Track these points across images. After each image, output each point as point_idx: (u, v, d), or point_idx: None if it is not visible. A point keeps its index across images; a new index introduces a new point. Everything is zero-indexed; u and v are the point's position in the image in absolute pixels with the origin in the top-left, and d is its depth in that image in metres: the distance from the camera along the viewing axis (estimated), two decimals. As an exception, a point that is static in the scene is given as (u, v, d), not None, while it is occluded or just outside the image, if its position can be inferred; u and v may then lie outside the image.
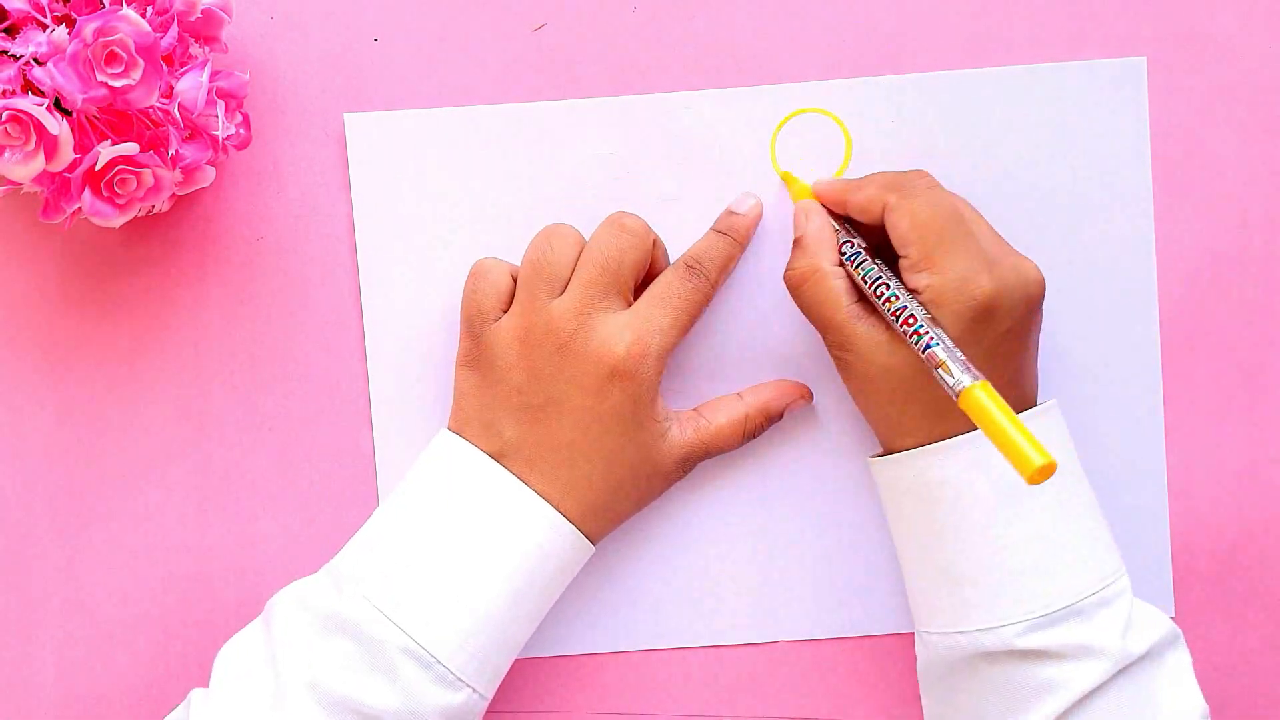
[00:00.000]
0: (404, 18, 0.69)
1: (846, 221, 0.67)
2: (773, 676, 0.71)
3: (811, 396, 0.69)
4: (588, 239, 0.67)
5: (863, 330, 0.63)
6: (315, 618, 0.62)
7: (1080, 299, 0.70)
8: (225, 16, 0.64)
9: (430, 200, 0.69)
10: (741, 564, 0.70)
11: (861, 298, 0.64)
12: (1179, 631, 0.64)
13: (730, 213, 0.68)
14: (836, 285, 0.64)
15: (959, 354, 0.59)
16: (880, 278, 0.63)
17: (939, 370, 0.59)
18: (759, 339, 0.70)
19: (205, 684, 0.64)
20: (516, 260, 0.68)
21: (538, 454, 0.64)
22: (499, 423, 0.65)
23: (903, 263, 0.63)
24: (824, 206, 0.67)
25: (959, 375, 0.58)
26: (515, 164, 0.69)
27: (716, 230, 0.68)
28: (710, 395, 0.70)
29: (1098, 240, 0.70)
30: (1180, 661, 0.64)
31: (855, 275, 0.64)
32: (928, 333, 0.60)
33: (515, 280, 0.67)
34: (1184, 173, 0.70)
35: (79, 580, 0.70)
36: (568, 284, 0.65)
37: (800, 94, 0.69)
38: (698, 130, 0.69)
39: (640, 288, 0.67)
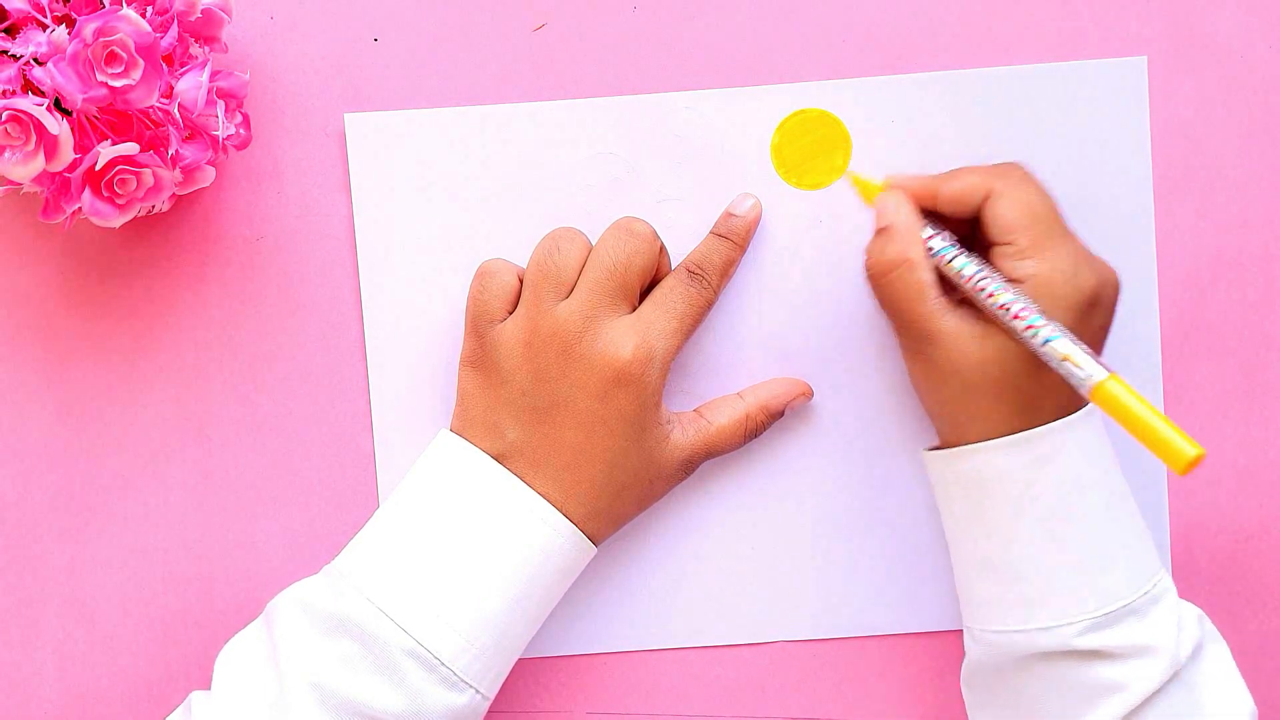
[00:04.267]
0: (404, 18, 0.69)
1: (929, 216, 0.65)
2: (773, 676, 0.71)
3: (811, 393, 0.69)
4: (593, 242, 0.67)
5: (952, 324, 0.62)
6: (317, 619, 0.62)
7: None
8: (225, 16, 0.64)
9: (430, 200, 0.69)
10: (741, 564, 0.70)
11: (945, 291, 0.63)
12: (1212, 625, 0.64)
13: (729, 215, 0.68)
14: (925, 278, 0.62)
15: (1083, 346, 0.59)
16: (981, 271, 0.62)
17: (1065, 363, 0.58)
18: (759, 338, 0.70)
19: (205, 684, 0.64)
20: (519, 262, 0.68)
21: (541, 456, 0.64)
22: (502, 424, 0.65)
23: (1005, 250, 0.62)
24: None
25: (1090, 368, 0.58)
26: (515, 164, 0.69)
27: (716, 234, 0.68)
28: (710, 395, 0.70)
29: (1098, 240, 0.69)
30: (1221, 657, 0.63)
31: (949, 269, 0.63)
32: (1045, 324, 0.59)
33: (521, 282, 0.67)
34: (1184, 173, 0.70)
35: (79, 580, 0.70)
36: (573, 287, 0.65)
37: (800, 94, 0.69)
38: (698, 130, 0.69)
39: (644, 292, 0.67)
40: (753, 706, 0.71)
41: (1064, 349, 0.59)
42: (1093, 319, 0.62)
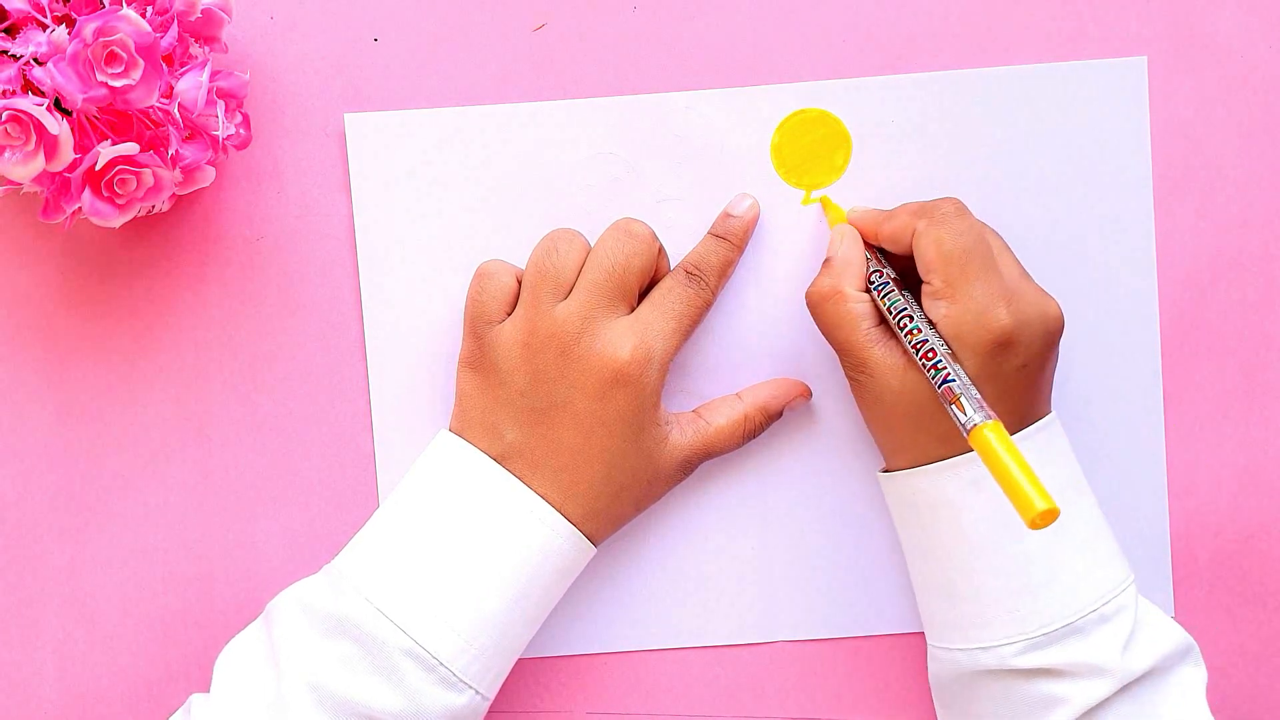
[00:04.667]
0: (404, 18, 0.69)
1: (880, 251, 0.67)
2: (773, 676, 0.71)
3: (810, 394, 0.69)
4: (591, 243, 0.67)
5: (878, 354, 0.63)
6: (316, 619, 0.62)
7: (1080, 299, 0.70)
8: (225, 16, 0.64)
9: (430, 200, 0.69)
10: (741, 564, 0.70)
11: (882, 322, 0.64)
12: (1193, 645, 0.64)
13: (727, 215, 0.68)
14: (856, 309, 0.64)
15: (974, 392, 0.59)
16: (905, 309, 0.63)
17: (952, 406, 0.59)
18: (757, 339, 0.70)
19: (205, 684, 0.64)
20: (519, 261, 0.68)
21: (540, 457, 0.64)
22: (501, 425, 0.65)
23: (925, 289, 0.63)
24: (860, 234, 0.67)
25: (971, 413, 0.58)
26: (515, 164, 0.69)
27: (714, 234, 0.68)
28: (709, 396, 0.70)
29: (1098, 241, 0.70)
30: (1190, 679, 0.63)
31: (881, 303, 0.64)
32: (945, 368, 0.60)
33: (519, 283, 0.67)
34: (1184, 173, 0.70)
35: (79, 580, 0.70)
36: (572, 288, 0.65)
37: (800, 94, 0.69)
38: (698, 130, 0.69)
39: (642, 293, 0.67)
40: (753, 706, 0.71)
41: (955, 391, 0.60)
42: (1007, 360, 0.62)
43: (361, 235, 0.69)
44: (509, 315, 0.66)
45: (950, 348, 0.62)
